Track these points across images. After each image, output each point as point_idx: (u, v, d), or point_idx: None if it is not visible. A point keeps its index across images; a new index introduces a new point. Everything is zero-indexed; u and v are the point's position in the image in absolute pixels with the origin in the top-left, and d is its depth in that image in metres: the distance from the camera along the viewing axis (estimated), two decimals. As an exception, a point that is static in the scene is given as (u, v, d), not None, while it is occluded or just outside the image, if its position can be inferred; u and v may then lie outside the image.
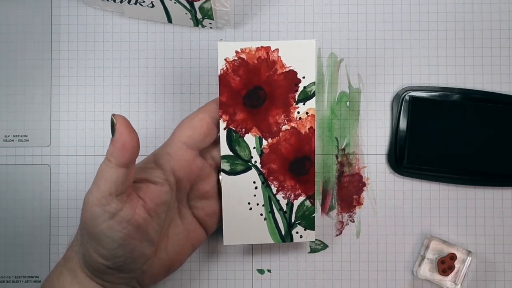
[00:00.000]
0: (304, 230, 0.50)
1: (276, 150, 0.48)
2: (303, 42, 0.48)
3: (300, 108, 0.48)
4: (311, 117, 0.48)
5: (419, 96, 0.54)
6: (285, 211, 0.49)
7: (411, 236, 0.55)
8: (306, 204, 0.49)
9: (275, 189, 0.49)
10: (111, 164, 0.42)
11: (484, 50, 0.56)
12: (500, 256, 0.55)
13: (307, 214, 0.50)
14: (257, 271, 0.55)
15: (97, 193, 0.41)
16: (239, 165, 0.48)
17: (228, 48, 0.48)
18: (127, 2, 0.53)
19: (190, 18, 0.54)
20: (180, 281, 0.55)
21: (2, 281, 0.55)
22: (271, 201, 0.49)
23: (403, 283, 0.55)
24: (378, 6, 0.56)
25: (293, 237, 0.50)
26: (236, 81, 0.48)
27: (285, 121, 0.48)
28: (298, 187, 0.49)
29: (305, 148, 0.49)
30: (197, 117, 0.47)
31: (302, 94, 0.48)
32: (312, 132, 0.48)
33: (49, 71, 0.56)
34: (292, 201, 0.49)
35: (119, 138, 0.42)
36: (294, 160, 0.49)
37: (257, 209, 0.49)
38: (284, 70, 0.48)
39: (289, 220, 0.50)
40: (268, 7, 0.56)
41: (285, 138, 0.48)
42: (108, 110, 0.56)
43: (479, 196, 0.55)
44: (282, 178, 0.49)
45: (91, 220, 0.41)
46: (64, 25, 0.56)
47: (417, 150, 0.54)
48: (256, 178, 0.49)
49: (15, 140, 0.56)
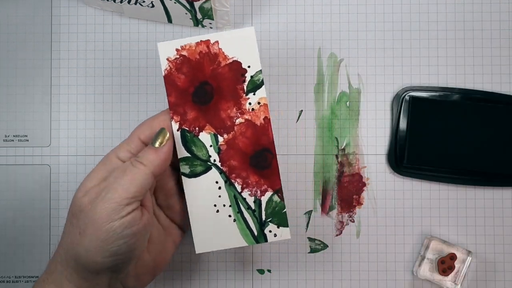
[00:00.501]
0: (278, 228, 0.47)
1: (234, 145, 0.47)
2: (242, 31, 0.47)
3: (251, 99, 0.46)
4: (264, 107, 0.46)
5: (419, 96, 0.54)
6: (253, 209, 0.47)
7: (411, 236, 0.55)
8: (275, 200, 0.47)
9: (239, 187, 0.47)
10: (148, 170, 0.43)
11: (484, 50, 0.56)
12: (500, 256, 0.55)
13: (278, 210, 0.47)
14: (257, 271, 0.55)
15: (125, 193, 0.42)
16: (199, 165, 0.47)
17: (169, 47, 0.46)
18: (127, 2, 0.53)
19: (190, 18, 0.54)
20: (180, 281, 0.55)
21: (2, 281, 0.55)
22: (238, 201, 0.47)
23: (403, 283, 0.55)
24: (378, 6, 0.56)
25: (267, 236, 0.47)
26: (182, 79, 0.46)
27: (238, 114, 0.47)
28: (263, 182, 0.47)
29: (263, 140, 0.47)
30: (158, 119, 0.46)
31: (250, 84, 0.46)
32: (268, 122, 0.46)
33: (49, 71, 0.56)
34: (259, 198, 0.47)
35: (167, 150, 0.45)
36: (254, 154, 0.47)
37: (225, 210, 0.47)
38: (228, 62, 0.46)
39: (260, 219, 0.47)
40: (268, 7, 0.56)
41: (240, 131, 0.47)
42: (108, 110, 0.56)
43: (479, 196, 0.55)
44: (245, 174, 0.47)
45: (107, 215, 0.42)
46: (64, 25, 0.56)
47: (417, 150, 0.54)
48: (218, 178, 0.47)
49: (15, 140, 0.56)
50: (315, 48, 0.56)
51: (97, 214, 0.42)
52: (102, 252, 0.42)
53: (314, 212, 0.55)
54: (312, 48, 0.56)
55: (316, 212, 0.55)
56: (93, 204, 0.42)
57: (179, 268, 0.55)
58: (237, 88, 0.47)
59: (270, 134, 0.47)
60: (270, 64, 0.56)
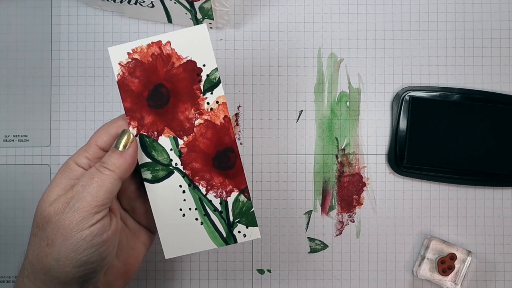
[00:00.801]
0: (247, 228, 0.46)
1: (195, 147, 0.45)
2: (194, 29, 0.45)
3: (209, 98, 0.45)
4: (223, 106, 0.45)
5: (419, 96, 0.54)
6: (220, 211, 0.46)
7: (411, 236, 0.55)
8: (241, 200, 0.46)
9: (204, 189, 0.46)
10: (115, 175, 0.43)
11: (484, 50, 0.56)
12: (500, 256, 0.55)
13: (245, 210, 0.46)
14: (257, 271, 0.55)
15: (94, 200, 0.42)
16: (161, 170, 0.45)
17: (120, 52, 0.45)
18: (127, 2, 0.53)
19: (190, 18, 0.54)
20: (180, 281, 0.55)
21: (2, 281, 0.55)
22: (203, 203, 0.46)
23: (403, 283, 0.55)
24: (378, 6, 0.56)
25: (236, 237, 0.46)
26: (135, 83, 0.45)
27: (196, 115, 0.45)
28: (228, 183, 0.45)
29: (225, 140, 0.45)
30: (115, 124, 0.45)
31: (207, 83, 0.45)
32: (228, 121, 0.45)
33: (49, 71, 0.56)
34: (225, 199, 0.46)
35: (132, 153, 0.44)
36: (216, 155, 0.45)
37: (191, 214, 0.46)
38: (182, 62, 0.45)
39: (228, 220, 0.46)
40: (268, 7, 0.56)
41: (200, 133, 0.45)
42: (108, 110, 0.56)
43: (479, 196, 0.55)
44: (209, 176, 0.45)
45: (77, 224, 0.41)
46: (64, 25, 0.56)
47: (417, 150, 0.54)
48: (181, 182, 0.45)
49: (15, 140, 0.56)
50: (315, 48, 0.56)
51: (67, 224, 0.41)
52: (73, 262, 0.41)
53: (314, 212, 0.55)
54: (312, 48, 0.56)
55: (316, 212, 0.55)
56: (62, 214, 0.41)
57: (179, 268, 0.55)
58: (194, 88, 0.45)
59: (231, 133, 0.45)
60: (270, 64, 0.56)
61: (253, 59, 0.56)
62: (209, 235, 0.46)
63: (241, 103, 0.56)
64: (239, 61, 0.56)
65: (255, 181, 0.55)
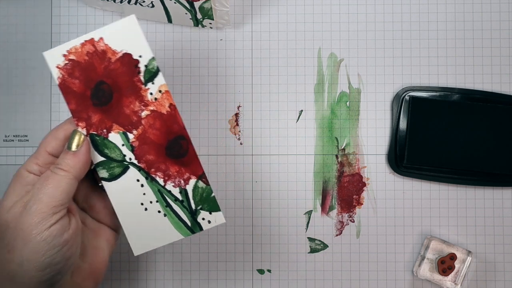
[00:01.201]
0: (210, 214, 0.46)
1: (146, 139, 0.45)
2: (123, 21, 0.44)
3: (151, 89, 0.45)
4: (166, 94, 0.45)
5: (419, 96, 0.54)
6: (181, 200, 0.46)
7: (411, 236, 0.55)
8: (200, 186, 0.46)
9: (161, 180, 0.46)
10: (70, 175, 0.43)
11: (484, 50, 0.56)
12: (500, 256, 0.55)
13: (206, 196, 0.46)
14: (257, 271, 0.55)
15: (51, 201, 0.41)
16: (116, 167, 0.45)
17: (55, 55, 0.44)
18: (127, 2, 0.53)
19: (190, 18, 0.54)
20: (180, 281, 0.55)
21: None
22: (163, 194, 0.46)
23: (403, 283, 0.55)
24: (378, 6, 0.56)
25: (201, 225, 0.46)
26: (76, 84, 0.45)
27: (142, 107, 0.45)
28: (184, 171, 0.46)
29: (174, 128, 0.45)
30: (62, 128, 0.45)
31: (146, 74, 0.45)
32: (173, 109, 0.45)
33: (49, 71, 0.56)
34: (184, 187, 0.46)
35: (85, 152, 0.44)
36: (168, 144, 0.45)
37: (153, 207, 0.46)
38: (118, 56, 0.45)
39: (190, 208, 0.46)
40: (268, 7, 0.56)
41: (149, 124, 0.45)
42: (108, 110, 0.56)
43: (479, 196, 0.55)
44: (164, 166, 0.46)
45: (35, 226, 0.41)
46: (64, 25, 0.56)
47: (417, 150, 0.54)
48: (138, 176, 0.45)
49: (15, 140, 0.56)
50: (315, 48, 0.56)
51: (25, 227, 0.41)
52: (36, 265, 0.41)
53: (314, 212, 0.55)
54: (312, 48, 0.56)
55: (316, 212, 0.55)
56: (20, 218, 0.41)
57: (179, 268, 0.55)
58: (135, 81, 0.45)
59: (179, 120, 0.45)
60: (270, 64, 0.56)
61: (253, 59, 0.56)
62: (174, 226, 0.46)
63: (241, 103, 0.56)
64: (239, 61, 0.56)
65: (255, 181, 0.55)
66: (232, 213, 0.55)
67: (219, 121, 0.56)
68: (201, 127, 0.56)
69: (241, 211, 0.55)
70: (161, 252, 0.55)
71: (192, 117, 0.56)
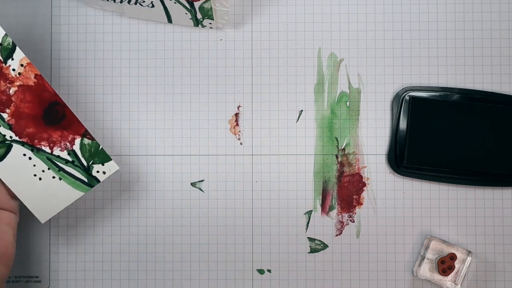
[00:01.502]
0: (103, 166, 0.48)
1: (21, 114, 0.47)
2: None
3: (12, 65, 0.47)
4: (29, 66, 0.47)
5: (419, 96, 0.54)
6: (72, 161, 0.48)
7: (411, 236, 0.55)
8: (86, 143, 0.48)
9: (47, 148, 0.47)
10: None
11: (484, 50, 0.56)
12: (500, 256, 0.55)
13: (94, 151, 0.48)
14: (257, 271, 0.55)
15: None
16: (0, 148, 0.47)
17: None
18: (127, 2, 0.53)
19: (190, 18, 0.54)
20: (180, 281, 0.55)
21: (2, 281, 0.55)
22: (53, 161, 0.48)
23: (403, 283, 0.55)
24: (378, 6, 0.56)
25: (97, 177, 0.48)
26: None
27: (8, 85, 0.47)
28: (67, 133, 0.48)
29: (45, 96, 0.47)
30: None
31: (3, 52, 0.46)
32: (40, 78, 0.47)
33: (49, 71, 0.56)
34: (71, 149, 0.48)
35: None
36: (44, 113, 0.47)
37: (46, 175, 0.48)
38: None
39: (83, 166, 0.48)
40: (268, 7, 0.56)
41: (20, 99, 0.47)
42: (108, 110, 0.56)
43: (479, 196, 0.55)
44: (46, 135, 0.47)
45: None
46: (64, 25, 0.56)
47: (417, 150, 0.54)
48: (23, 150, 0.47)
49: (15, 140, 0.56)
50: (315, 48, 0.56)
51: None
52: None
53: (314, 212, 0.55)
54: (312, 48, 0.56)
55: (316, 212, 0.55)
56: None
57: (179, 268, 0.55)
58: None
59: (48, 87, 0.47)
60: (270, 64, 0.56)
61: (253, 59, 0.56)
62: (72, 186, 0.48)
63: (241, 103, 0.56)
64: (239, 61, 0.56)
65: (255, 181, 0.55)
66: (232, 213, 0.55)
67: (219, 121, 0.56)
68: (201, 127, 0.56)
69: (241, 211, 0.55)
70: (161, 252, 0.55)
71: (192, 117, 0.56)
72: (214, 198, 0.55)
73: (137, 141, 0.56)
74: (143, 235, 0.55)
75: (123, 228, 0.55)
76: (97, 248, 0.55)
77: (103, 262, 0.55)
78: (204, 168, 0.56)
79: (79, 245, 0.55)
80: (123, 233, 0.55)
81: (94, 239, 0.55)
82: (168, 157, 0.56)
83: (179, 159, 0.55)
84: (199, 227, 0.55)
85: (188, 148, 0.56)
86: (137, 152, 0.55)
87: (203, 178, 0.55)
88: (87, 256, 0.55)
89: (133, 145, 0.56)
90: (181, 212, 0.55)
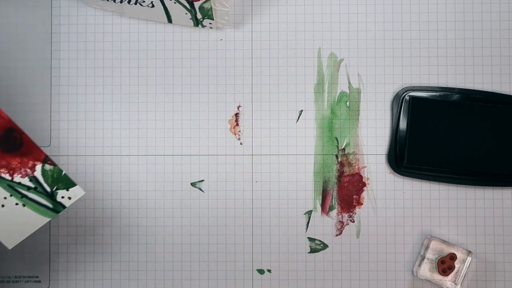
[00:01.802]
0: (68, 191, 0.48)
1: None
2: None
3: None
4: None
5: (419, 96, 0.54)
6: (34, 187, 0.47)
7: (411, 236, 0.55)
8: (48, 168, 0.47)
9: (7, 175, 0.47)
10: None
11: (484, 50, 0.56)
12: (500, 256, 0.55)
13: (57, 176, 0.48)
14: (257, 271, 0.55)
15: None
16: None
17: None
18: (127, 2, 0.53)
19: (190, 18, 0.54)
20: (180, 281, 0.55)
21: (2, 281, 0.55)
22: (15, 188, 0.47)
23: (403, 283, 0.55)
24: (378, 6, 0.56)
25: (62, 203, 0.48)
26: None
27: None
28: (26, 160, 0.47)
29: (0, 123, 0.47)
30: None
31: None
32: None
33: (49, 71, 0.56)
34: (32, 175, 0.47)
35: None
36: (1, 140, 0.47)
37: (9, 202, 0.47)
38: None
39: (46, 192, 0.47)
40: (268, 7, 0.56)
41: None
42: (108, 110, 0.56)
43: (479, 196, 0.55)
44: (4, 162, 0.47)
45: None
46: (64, 25, 0.56)
47: (417, 150, 0.54)
48: None
49: (15, 140, 0.56)
50: (315, 48, 0.56)
51: None
52: None
53: (314, 212, 0.55)
54: (312, 48, 0.56)
55: (316, 212, 0.55)
56: None
57: (179, 268, 0.55)
58: None
59: (3, 114, 0.47)
60: (270, 64, 0.56)
61: (253, 59, 0.56)
62: (37, 213, 0.47)
63: (241, 103, 0.56)
64: (239, 61, 0.56)
65: (255, 181, 0.55)
66: (232, 213, 0.55)
67: (219, 121, 0.56)
68: (201, 127, 0.56)
69: (241, 211, 0.55)
70: (161, 252, 0.55)
71: (192, 117, 0.56)
72: (214, 198, 0.55)
73: (137, 141, 0.56)
74: (143, 235, 0.55)
75: (123, 228, 0.55)
76: (97, 248, 0.55)
77: (103, 262, 0.55)
78: (204, 168, 0.56)
79: (79, 245, 0.55)
80: (123, 233, 0.55)
81: (94, 239, 0.55)
82: (168, 157, 0.56)
83: (179, 159, 0.55)
84: (199, 227, 0.55)
85: (188, 148, 0.56)
86: (137, 152, 0.55)
87: (203, 178, 0.55)
88: (87, 256, 0.55)
89: (133, 145, 0.56)
90: (181, 212, 0.55)
